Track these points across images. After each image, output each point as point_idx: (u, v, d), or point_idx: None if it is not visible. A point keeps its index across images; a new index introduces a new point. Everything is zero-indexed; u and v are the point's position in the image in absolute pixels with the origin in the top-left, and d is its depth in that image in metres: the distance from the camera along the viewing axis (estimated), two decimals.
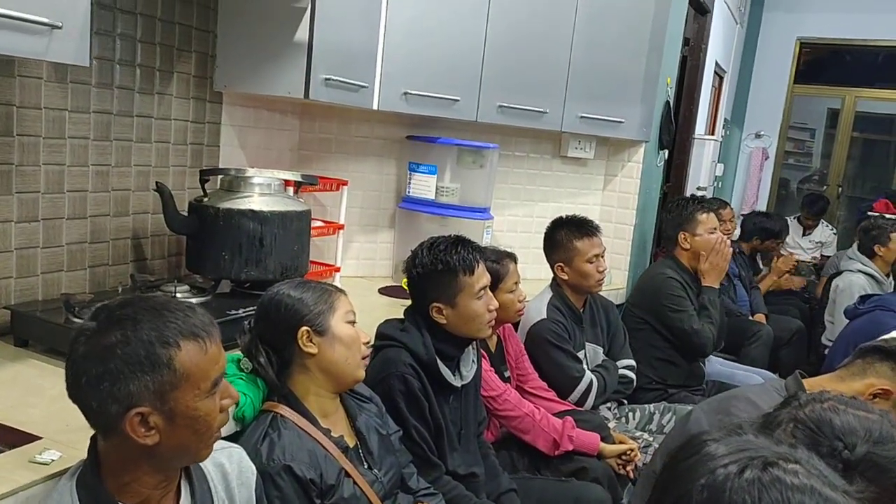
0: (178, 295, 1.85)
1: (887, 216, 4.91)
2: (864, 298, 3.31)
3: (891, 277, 3.82)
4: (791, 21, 6.82)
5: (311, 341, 1.44)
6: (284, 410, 1.43)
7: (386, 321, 1.87)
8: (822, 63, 7.13)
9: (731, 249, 2.98)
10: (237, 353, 1.48)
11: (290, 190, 2.16)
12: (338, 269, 2.60)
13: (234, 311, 1.79)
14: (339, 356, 1.46)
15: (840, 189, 7.16)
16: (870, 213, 5.51)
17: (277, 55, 2.10)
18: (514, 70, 2.71)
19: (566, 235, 2.50)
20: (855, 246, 3.92)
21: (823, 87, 7.12)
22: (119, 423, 0.96)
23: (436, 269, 1.78)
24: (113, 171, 1.94)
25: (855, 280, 3.70)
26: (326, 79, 2.12)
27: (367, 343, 1.55)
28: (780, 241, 4.82)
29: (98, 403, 0.96)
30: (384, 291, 2.70)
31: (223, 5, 2.18)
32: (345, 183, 2.58)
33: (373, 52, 2.39)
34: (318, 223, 2.51)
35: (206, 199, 1.96)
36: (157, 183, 1.92)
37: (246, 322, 1.53)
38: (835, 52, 7.04)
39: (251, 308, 1.70)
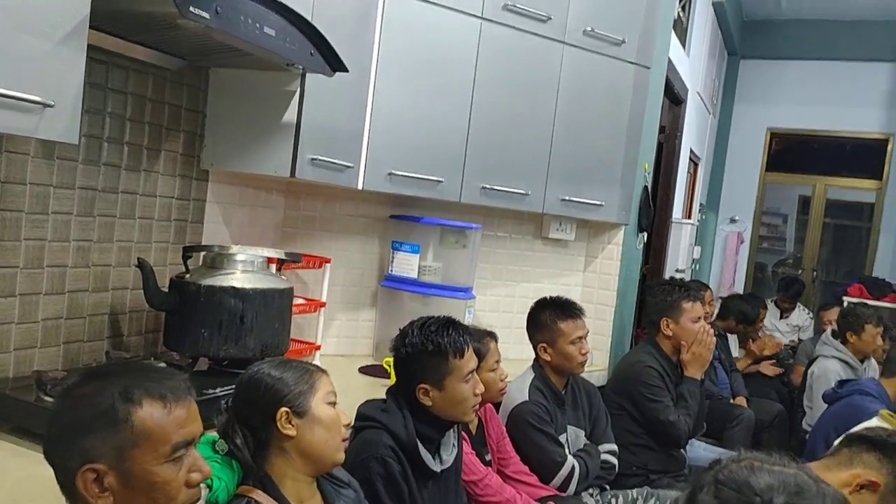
0: None
1: (869, 303, 4.98)
2: (842, 383, 3.32)
3: (864, 364, 3.84)
4: (761, 112, 7.10)
5: (290, 423, 1.40)
6: (259, 496, 1.38)
7: (367, 401, 1.84)
8: (792, 152, 7.37)
9: (714, 338, 2.92)
10: (213, 433, 1.44)
11: (273, 267, 2.16)
12: (318, 348, 2.57)
13: (211, 390, 1.74)
14: (318, 439, 1.42)
15: (815, 273, 7.28)
16: (845, 298, 5.59)
17: (265, 135, 2.13)
18: (497, 153, 2.77)
19: (550, 317, 2.50)
20: (829, 331, 3.94)
21: (794, 175, 7.35)
22: (76, 481, 0.94)
23: (426, 349, 1.76)
24: (94, 246, 1.93)
25: (830, 366, 3.71)
26: (313, 159, 2.15)
27: (348, 425, 1.51)
28: (754, 328, 4.87)
29: (61, 457, 0.95)
30: (364, 371, 2.66)
31: (213, 86, 2.23)
32: (328, 261, 2.58)
33: (359, 133, 2.44)
34: (300, 300, 2.49)
35: (187, 276, 1.95)
36: (138, 259, 1.91)
37: (223, 401, 1.49)
38: (804, 141, 7.29)
39: (229, 387, 1.67)
